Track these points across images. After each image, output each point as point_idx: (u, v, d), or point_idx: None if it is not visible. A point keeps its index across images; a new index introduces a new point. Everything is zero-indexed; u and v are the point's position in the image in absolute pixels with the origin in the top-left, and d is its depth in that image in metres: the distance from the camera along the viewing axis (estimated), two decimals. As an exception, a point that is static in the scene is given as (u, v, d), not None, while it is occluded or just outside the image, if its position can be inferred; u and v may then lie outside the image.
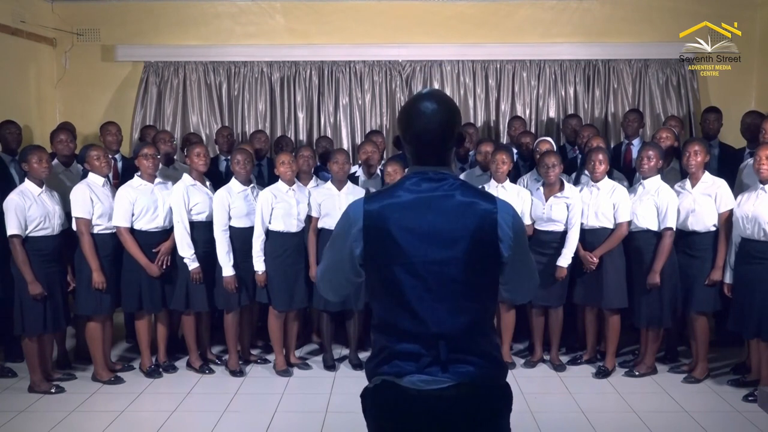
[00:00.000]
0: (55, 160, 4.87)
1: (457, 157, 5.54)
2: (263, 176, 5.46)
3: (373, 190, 4.95)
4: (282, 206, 4.53)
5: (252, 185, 4.69)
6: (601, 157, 4.54)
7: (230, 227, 4.54)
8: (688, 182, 4.46)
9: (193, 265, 4.49)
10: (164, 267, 4.49)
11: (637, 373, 4.61)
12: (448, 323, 1.78)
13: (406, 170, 1.93)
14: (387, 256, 1.80)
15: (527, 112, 6.43)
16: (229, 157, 5.39)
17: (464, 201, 1.81)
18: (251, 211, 4.56)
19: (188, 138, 5.51)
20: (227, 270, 4.50)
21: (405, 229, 1.79)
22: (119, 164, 5.32)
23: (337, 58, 6.37)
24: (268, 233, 4.55)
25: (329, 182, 4.74)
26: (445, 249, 1.78)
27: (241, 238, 4.55)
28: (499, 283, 1.90)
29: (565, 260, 4.53)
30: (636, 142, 5.47)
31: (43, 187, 4.29)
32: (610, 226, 4.51)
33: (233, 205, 4.52)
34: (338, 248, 1.88)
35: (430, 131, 1.83)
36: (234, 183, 4.59)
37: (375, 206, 1.83)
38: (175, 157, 5.39)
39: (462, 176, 4.96)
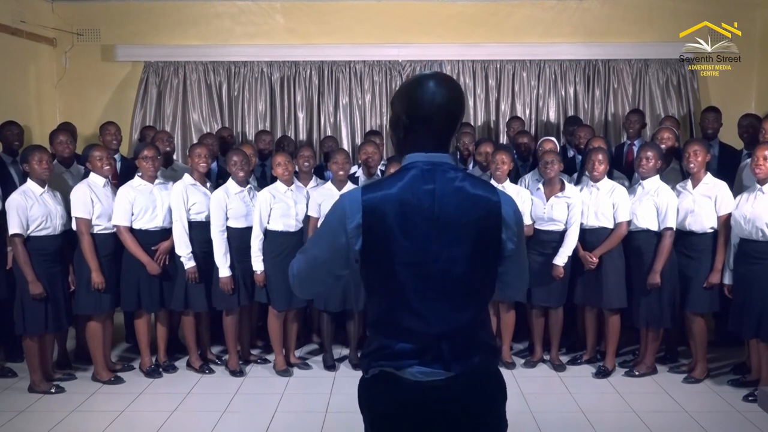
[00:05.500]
0: (55, 161, 4.86)
1: (461, 158, 5.54)
2: (266, 176, 5.45)
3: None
4: (280, 206, 4.53)
5: (249, 186, 4.69)
6: (600, 157, 4.54)
7: (228, 228, 4.54)
8: (689, 182, 4.46)
9: (189, 264, 4.49)
10: (161, 265, 4.49)
11: (637, 373, 4.61)
12: (451, 321, 1.71)
13: (405, 158, 1.77)
14: (388, 253, 1.68)
15: (527, 112, 6.43)
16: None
17: (470, 194, 1.71)
18: (249, 212, 4.55)
19: (200, 139, 5.51)
20: (224, 271, 4.50)
21: (408, 225, 1.66)
22: (118, 164, 5.32)
23: (337, 58, 6.38)
24: (267, 233, 4.55)
25: (329, 182, 4.74)
26: (450, 247, 1.68)
27: (238, 239, 4.55)
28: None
29: (561, 259, 4.53)
30: (638, 142, 5.46)
31: (46, 187, 4.29)
32: (610, 226, 4.51)
33: (230, 206, 4.52)
34: (329, 243, 1.73)
35: (440, 114, 1.71)
36: (231, 184, 4.58)
37: (375, 200, 1.68)
38: (174, 157, 5.38)
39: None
